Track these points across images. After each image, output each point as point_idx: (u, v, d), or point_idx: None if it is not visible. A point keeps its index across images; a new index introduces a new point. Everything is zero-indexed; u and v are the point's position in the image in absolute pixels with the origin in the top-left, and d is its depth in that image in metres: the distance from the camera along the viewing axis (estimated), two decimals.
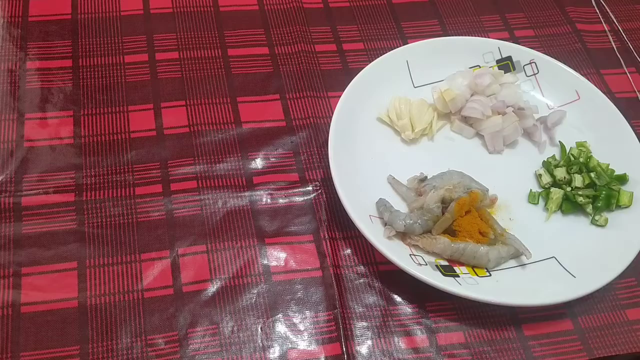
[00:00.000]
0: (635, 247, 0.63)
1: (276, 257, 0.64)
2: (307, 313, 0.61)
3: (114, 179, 0.67)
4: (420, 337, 0.60)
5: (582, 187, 0.68)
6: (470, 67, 0.77)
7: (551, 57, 0.77)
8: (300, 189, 0.69)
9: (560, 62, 0.77)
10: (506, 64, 0.78)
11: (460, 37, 0.81)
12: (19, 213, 0.64)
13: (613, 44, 0.86)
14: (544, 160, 0.72)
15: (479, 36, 0.82)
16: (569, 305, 0.63)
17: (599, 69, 0.83)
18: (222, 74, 0.77)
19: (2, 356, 0.56)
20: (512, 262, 0.64)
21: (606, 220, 0.67)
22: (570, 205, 0.68)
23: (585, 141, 0.73)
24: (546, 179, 0.70)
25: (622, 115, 0.72)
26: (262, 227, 0.66)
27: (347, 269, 0.64)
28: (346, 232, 0.66)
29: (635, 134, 0.71)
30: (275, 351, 0.59)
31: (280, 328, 0.60)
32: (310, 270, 0.63)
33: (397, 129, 0.72)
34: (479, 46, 0.78)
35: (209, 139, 0.72)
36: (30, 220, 0.64)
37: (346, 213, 0.62)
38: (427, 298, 0.62)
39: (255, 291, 0.62)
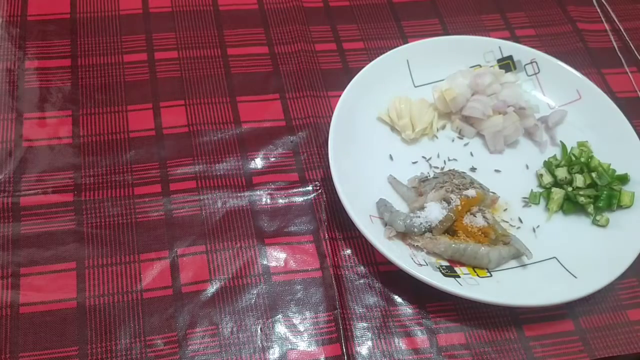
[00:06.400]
0: (636, 248, 0.62)
1: (276, 257, 0.64)
2: (307, 314, 0.61)
3: (113, 178, 0.67)
4: (421, 337, 0.60)
5: (584, 187, 0.68)
6: (471, 67, 0.77)
7: (552, 56, 0.77)
8: (300, 189, 0.69)
9: (561, 61, 0.77)
10: (507, 64, 0.78)
11: (461, 36, 0.81)
12: (17, 213, 0.64)
13: (614, 43, 0.85)
14: (545, 160, 0.72)
15: (479, 35, 0.81)
16: (570, 305, 0.62)
17: (600, 68, 0.82)
18: (221, 74, 0.77)
19: (1, 357, 0.56)
20: (513, 263, 0.64)
21: (607, 221, 0.66)
22: (571, 206, 0.67)
23: (587, 141, 0.72)
24: (547, 179, 0.70)
25: (623, 115, 0.72)
26: (261, 228, 0.65)
27: (347, 269, 0.64)
28: (346, 232, 0.66)
29: (637, 133, 0.71)
30: (275, 352, 0.58)
31: (280, 329, 0.60)
32: (310, 270, 0.63)
33: (397, 128, 0.72)
34: (479, 45, 0.78)
35: (209, 138, 0.71)
36: (29, 220, 0.63)
37: (346, 213, 0.62)
38: (427, 299, 0.62)
39: (255, 292, 0.62)
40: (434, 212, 0.63)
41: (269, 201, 0.67)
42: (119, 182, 0.67)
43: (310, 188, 0.69)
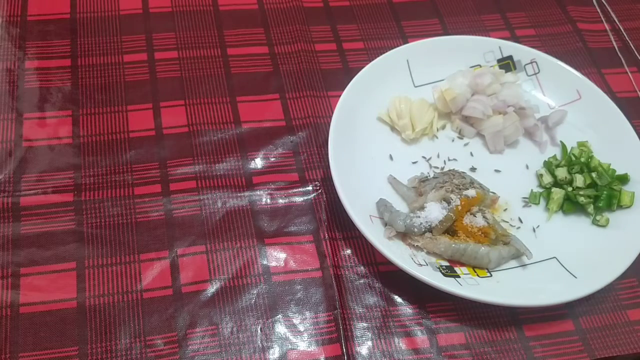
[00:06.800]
0: (636, 247, 0.62)
1: (276, 257, 0.64)
2: (307, 314, 0.61)
3: (113, 178, 0.67)
4: (421, 337, 0.60)
5: (583, 187, 0.68)
6: (471, 67, 0.77)
7: (552, 56, 0.77)
8: (300, 189, 0.69)
9: (561, 61, 0.77)
10: (507, 64, 0.78)
11: (461, 36, 0.81)
12: (17, 213, 0.64)
13: (614, 43, 0.85)
14: (545, 160, 0.72)
15: (479, 35, 0.81)
16: (570, 305, 0.62)
17: (600, 68, 0.82)
18: (221, 74, 0.77)
19: (1, 357, 0.56)
20: (513, 263, 0.64)
21: (607, 221, 0.66)
22: (571, 206, 0.67)
23: (587, 141, 0.72)
24: (547, 179, 0.70)
25: (623, 115, 0.72)
26: (261, 228, 0.65)
27: (347, 269, 0.64)
28: (346, 232, 0.66)
29: (637, 133, 0.71)
30: (275, 352, 0.58)
31: (280, 329, 0.60)
32: (310, 270, 0.63)
33: (397, 128, 0.72)
34: (479, 45, 0.78)
35: (209, 138, 0.71)
36: (29, 220, 0.63)
37: (346, 213, 0.62)
38: (427, 299, 0.62)
39: (255, 292, 0.62)
40: (434, 212, 0.63)
41: (269, 201, 0.67)
42: (119, 182, 0.67)
43: (310, 188, 0.69)
